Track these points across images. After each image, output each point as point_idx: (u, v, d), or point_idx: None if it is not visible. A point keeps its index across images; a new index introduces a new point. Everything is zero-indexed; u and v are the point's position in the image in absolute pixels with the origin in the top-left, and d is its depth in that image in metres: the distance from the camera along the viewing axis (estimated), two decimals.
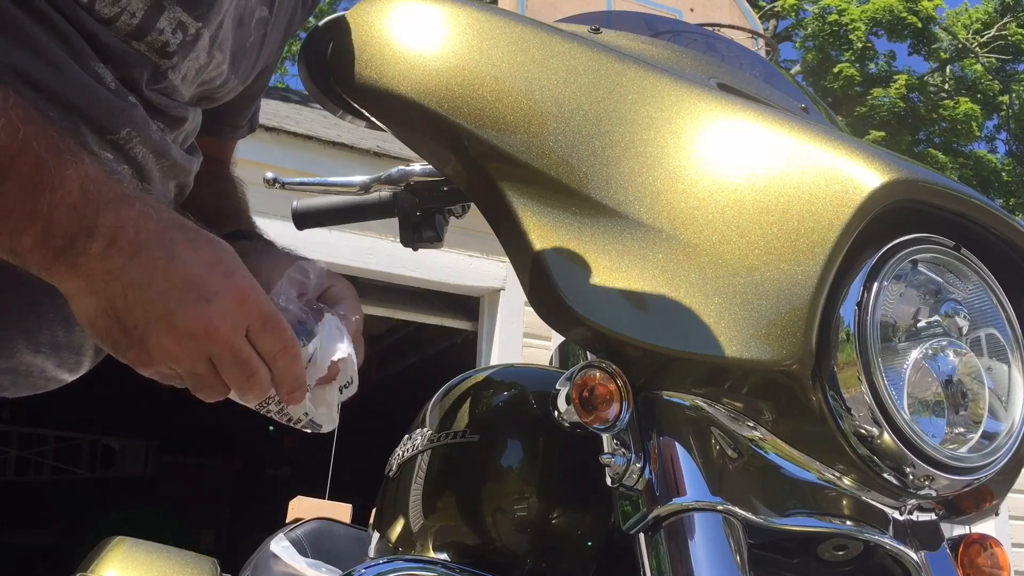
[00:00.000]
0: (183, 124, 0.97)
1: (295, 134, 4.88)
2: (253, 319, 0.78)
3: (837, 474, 0.88)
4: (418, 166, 1.22)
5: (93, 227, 0.72)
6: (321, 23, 1.01)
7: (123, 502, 8.73)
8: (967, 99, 17.59)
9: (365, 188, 1.28)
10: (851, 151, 0.85)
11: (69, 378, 1.00)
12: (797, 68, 17.79)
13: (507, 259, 0.93)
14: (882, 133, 15.73)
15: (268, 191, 1.36)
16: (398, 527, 1.11)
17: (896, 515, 0.92)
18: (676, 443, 0.85)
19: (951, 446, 0.86)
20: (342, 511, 3.62)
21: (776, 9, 17.51)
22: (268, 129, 4.82)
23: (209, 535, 9.22)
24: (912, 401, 0.84)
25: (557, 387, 0.87)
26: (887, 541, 0.91)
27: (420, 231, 1.23)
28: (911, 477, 0.85)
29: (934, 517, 0.95)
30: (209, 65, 0.95)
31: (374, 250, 4.80)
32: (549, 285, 0.85)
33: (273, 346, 0.80)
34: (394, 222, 1.25)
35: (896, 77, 17.41)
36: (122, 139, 0.87)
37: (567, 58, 0.93)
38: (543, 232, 0.87)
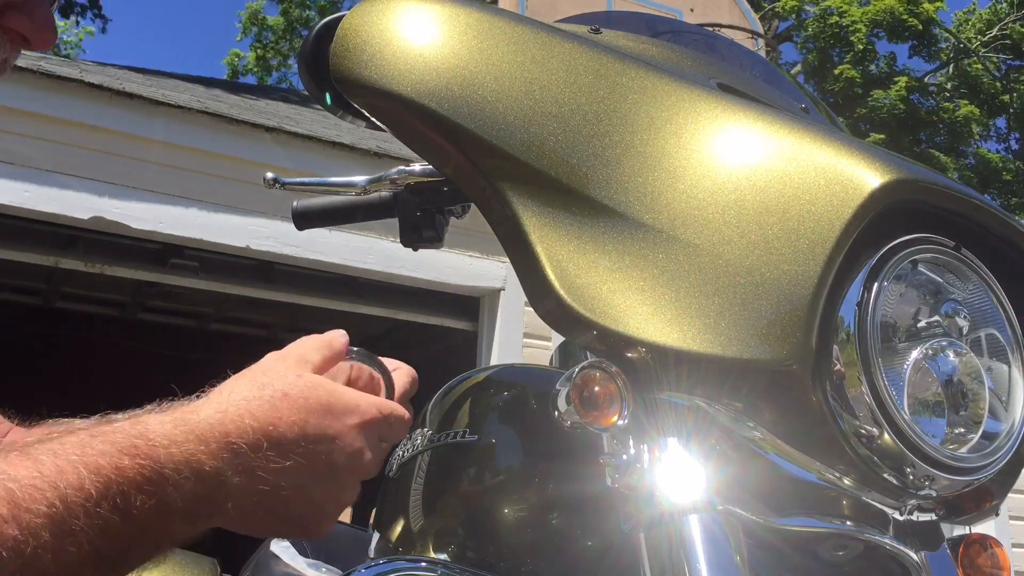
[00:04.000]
0: None
1: (295, 134, 4.88)
2: (382, 430, 0.82)
3: (837, 474, 0.88)
4: (418, 166, 1.22)
5: (222, 497, 0.77)
6: (320, 23, 1.01)
7: None
8: (966, 101, 17.59)
9: (365, 188, 1.28)
10: (851, 151, 0.85)
11: None
12: (798, 69, 17.78)
13: (507, 259, 0.93)
14: (882, 135, 15.72)
15: (268, 191, 1.36)
16: (398, 527, 1.11)
17: (896, 515, 0.92)
18: (676, 443, 0.85)
19: (951, 446, 0.86)
20: None
21: (777, 10, 17.50)
22: (268, 129, 4.82)
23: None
24: (912, 401, 0.84)
25: (557, 387, 0.87)
26: (887, 541, 0.91)
27: (420, 231, 1.23)
28: (911, 477, 0.85)
29: (934, 517, 0.94)
30: None
31: (374, 250, 4.79)
32: (549, 285, 0.85)
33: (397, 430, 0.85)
34: (394, 222, 1.25)
35: (897, 79, 17.41)
36: None
37: (567, 58, 0.93)
38: (543, 232, 0.87)
